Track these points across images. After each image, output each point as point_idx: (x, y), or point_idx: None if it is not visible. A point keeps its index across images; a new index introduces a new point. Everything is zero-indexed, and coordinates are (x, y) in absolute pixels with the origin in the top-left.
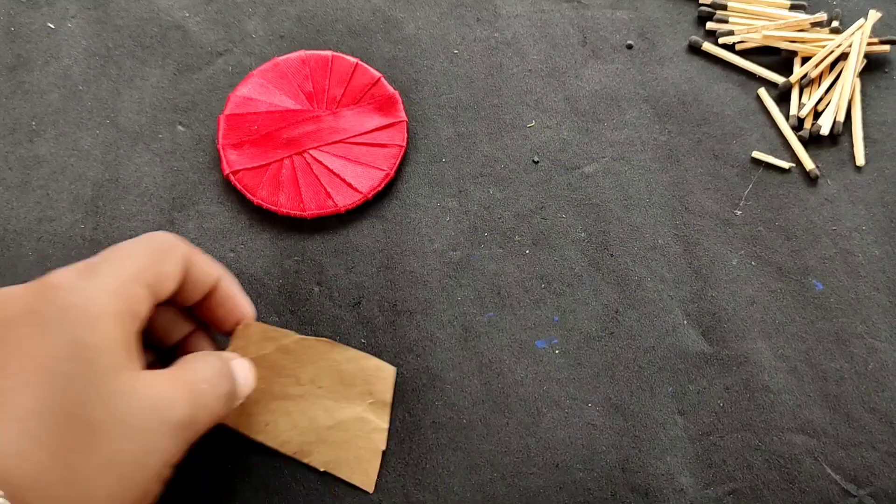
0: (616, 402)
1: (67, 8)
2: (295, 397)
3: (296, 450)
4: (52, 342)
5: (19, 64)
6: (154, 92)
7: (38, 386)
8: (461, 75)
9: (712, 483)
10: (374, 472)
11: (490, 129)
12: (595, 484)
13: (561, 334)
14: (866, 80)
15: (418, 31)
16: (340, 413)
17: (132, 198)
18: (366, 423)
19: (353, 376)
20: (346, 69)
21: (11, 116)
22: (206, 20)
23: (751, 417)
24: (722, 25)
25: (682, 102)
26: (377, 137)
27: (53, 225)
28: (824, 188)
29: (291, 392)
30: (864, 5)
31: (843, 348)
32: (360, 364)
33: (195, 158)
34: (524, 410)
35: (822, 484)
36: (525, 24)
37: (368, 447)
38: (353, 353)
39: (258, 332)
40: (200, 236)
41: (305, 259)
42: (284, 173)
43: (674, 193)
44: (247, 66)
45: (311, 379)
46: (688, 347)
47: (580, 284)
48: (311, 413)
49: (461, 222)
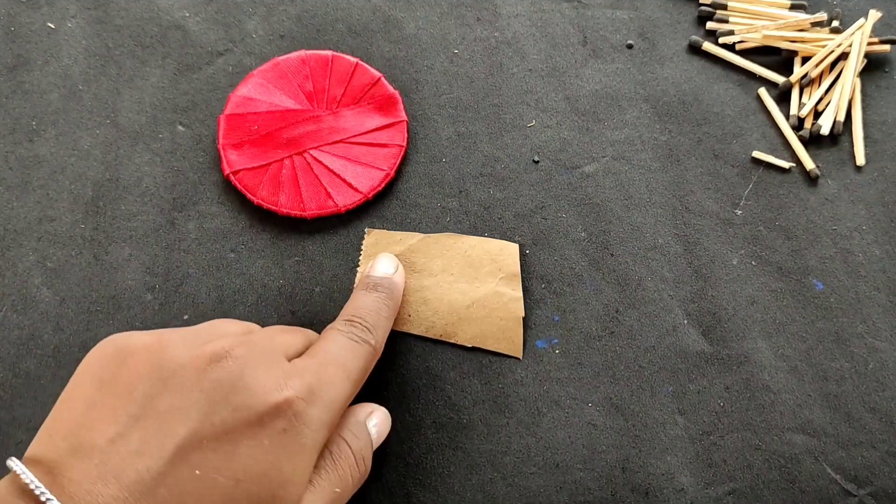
0: (616, 402)
1: (67, 8)
2: (430, 287)
3: (441, 332)
4: (257, 461)
5: (19, 64)
6: (154, 92)
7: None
8: (461, 75)
9: (712, 483)
10: (518, 339)
11: (490, 128)
12: (595, 483)
13: (561, 334)
14: (866, 79)
15: (418, 31)
16: (475, 292)
17: (132, 198)
18: (501, 295)
19: (480, 258)
20: (346, 69)
21: (11, 116)
22: (206, 20)
23: (751, 417)
24: (722, 25)
25: (683, 102)
26: (377, 137)
27: (53, 225)
28: (824, 188)
29: (426, 283)
30: (864, 5)
31: (843, 348)
32: (484, 247)
33: (195, 158)
34: (524, 410)
35: (823, 484)
36: (525, 24)
37: (508, 316)
38: (476, 239)
39: (384, 237)
40: (201, 236)
41: (306, 259)
42: (285, 173)
43: (674, 193)
44: (247, 65)
45: (443, 268)
46: (688, 347)
47: (580, 284)
48: (449, 297)
49: (461, 222)
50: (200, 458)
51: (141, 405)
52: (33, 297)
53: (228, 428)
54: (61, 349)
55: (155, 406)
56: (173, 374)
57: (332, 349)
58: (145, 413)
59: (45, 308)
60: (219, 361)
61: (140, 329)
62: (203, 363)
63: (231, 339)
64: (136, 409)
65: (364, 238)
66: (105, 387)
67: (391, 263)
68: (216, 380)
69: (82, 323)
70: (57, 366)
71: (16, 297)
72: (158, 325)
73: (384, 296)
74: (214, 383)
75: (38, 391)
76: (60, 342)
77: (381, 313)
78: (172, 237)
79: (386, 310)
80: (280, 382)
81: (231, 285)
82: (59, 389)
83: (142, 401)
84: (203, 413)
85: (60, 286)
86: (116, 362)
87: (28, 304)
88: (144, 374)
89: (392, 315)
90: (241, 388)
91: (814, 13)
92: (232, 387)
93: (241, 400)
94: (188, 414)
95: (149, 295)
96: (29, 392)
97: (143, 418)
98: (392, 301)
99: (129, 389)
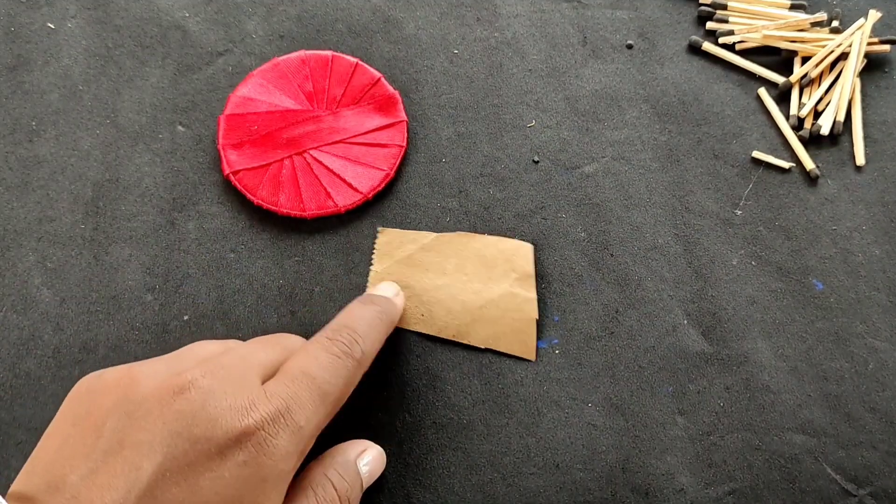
0: (616, 402)
1: (67, 8)
2: (444, 286)
3: (454, 332)
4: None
5: (19, 64)
6: (154, 92)
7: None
8: (461, 75)
9: (712, 483)
10: (532, 340)
11: (490, 128)
12: (595, 484)
13: (561, 334)
14: (866, 79)
15: (418, 31)
16: (489, 292)
17: (132, 198)
18: (515, 296)
19: (494, 258)
20: (346, 69)
21: (11, 116)
22: (206, 20)
23: (751, 417)
24: (722, 25)
25: (682, 102)
26: (377, 137)
27: (53, 225)
28: (824, 188)
29: (439, 283)
30: (864, 5)
31: (843, 348)
32: (498, 247)
33: (195, 158)
34: (524, 410)
35: (823, 483)
36: (525, 24)
37: (522, 318)
38: (490, 238)
39: (396, 235)
40: (201, 236)
41: (305, 259)
42: (284, 173)
43: (674, 193)
44: (247, 66)
45: (456, 268)
46: (688, 347)
47: (580, 284)
48: (462, 297)
49: (461, 222)
50: (165, 492)
51: (108, 440)
52: (33, 298)
53: (190, 461)
54: (61, 350)
55: (122, 440)
56: (138, 407)
57: (310, 367)
58: (113, 448)
59: (45, 308)
60: (182, 393)
61: (140, 329)
62: (167, 395)
63: (201, 367)
64: (105, 444)
65: (377, 237)
66: (78, 423)
67: (392, 288)
68: (178, 411)
69: (82, 323)
70: (57, 366)
71: (16, 297)
72: (158, 325)
73: (380, 310)
74: (177, 414)
75: (38, 392)
76: (60, 343)
77: (374, 326)
78: (172, 237)
79: (380, 324)
80: (244, 411)
81: (231, 285)
82: (60, 389)
83: (110, 435)
84: (166, 446)
85: (60, 286)
86: (88, 398)
87: (28, 304)
88: (112, 409)
89: (385, 331)
90: (202, 420)
91: (814, 13)
92: (193, 418)
93: (202, 431)
94: (152, 447)
95: (149, 295)
96: (29, 392)
97: (111, 453)
98: (388, 318)
99: (99, 424)
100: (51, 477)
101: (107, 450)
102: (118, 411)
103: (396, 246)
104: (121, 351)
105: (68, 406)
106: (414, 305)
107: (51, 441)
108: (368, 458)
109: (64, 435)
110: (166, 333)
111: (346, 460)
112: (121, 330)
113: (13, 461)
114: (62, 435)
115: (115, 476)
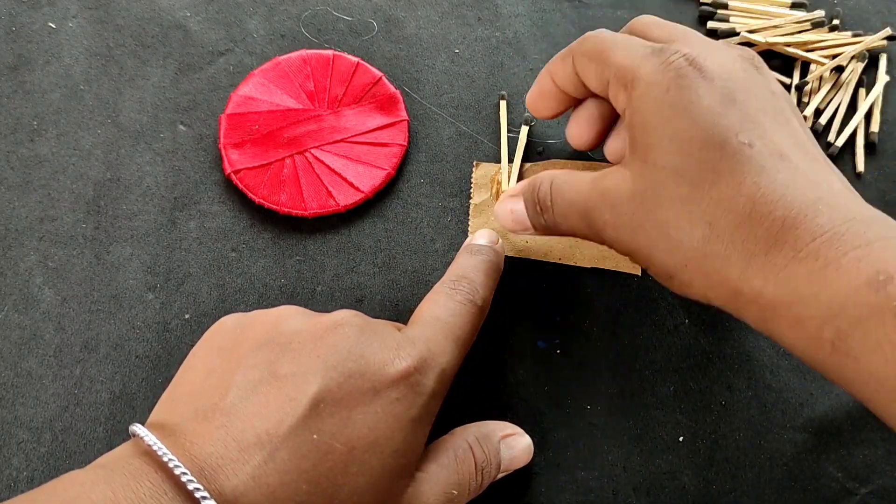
0: (617, 402)
1: (68, 8)
2: None
3: (560, 255)
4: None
5: (20, 64)
6: (155, 91)
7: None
8: (462, 74)
9: (714, 481)
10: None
11: (491, 128)
12: (596, 483)
13: (562, 334)
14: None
15: (419, 31)
16: None
17: (134, 197)
18: None
19: None
20: (347, 68)
21: (13, 116)
22: (207, 19)
23: (753, 416)
24: (723, 25)
25: None
26: (378, 136)
27: (55, 224)
28: None
29: None
30: (865, 5)
31: None
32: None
33: (196, 158)
34: (525, 410)
35: (824, 482)
36: (526, 24)
37: None
38: (580, 163)
39: (491, 168)
40: (202, 236)
41: (307, 258)
42: (286, 172)
43: None
44: (248, 65)
45: None
46: (689, 346)
47: (580, 283)
48: None
49: (462, 222)
50: (318, 423)
51: (260, 371)
52: (35, 297)
53: (344, 394)
54: (63, 349)
55: (274, 371)
56: (291, 340)
57: (441, 314)
58: (265, 378)
59: (46, 308)
60: (335, 328)
61: (141, 328)
62: (321, 330)
63: (345, 312)
64: (257, 374)
65: (473, 171)
66: (225, 354)
67: (492, 235)
68: (332, 346)
69: (84, 322)
70: (58, 365)
71: (17, 296)
72: (160, 324)
73: (487, 258)
74: (332, 349)
75: (39, 391)
76: (62, 342)
77: (488, 274)
78: (174, 236)
79: (491, 271)
80: (394, 352)
81: (232, 284)
82: (61, 389)
83: (262, 366)
84: (321, 378)
85: (62, 286)
86: (236, 332)
87: (29, 303)
88: (263, 342)
89: (496, 276)
90: (356, 356)
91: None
92: (348, 353)
93: (356, 366)
94: (306, 379)
95: (150, 294)
96: (30, 392)
97: (263, 383)
98: (495, 264)
99: (248, 356)
100: (198, 405)
101: (258, 380)
102: (272, 344)
103: (492, 177)
104: (122, 350)
105: (211, 340)
106: (515, 236)
107: (193, 373)
108: (515, 446)
109: (209, 366)
110: (167, 332)
111: (490, 435)
112: (122, 329)
113: (14, 460)
114: (207, 367)
115: (266, 406)
